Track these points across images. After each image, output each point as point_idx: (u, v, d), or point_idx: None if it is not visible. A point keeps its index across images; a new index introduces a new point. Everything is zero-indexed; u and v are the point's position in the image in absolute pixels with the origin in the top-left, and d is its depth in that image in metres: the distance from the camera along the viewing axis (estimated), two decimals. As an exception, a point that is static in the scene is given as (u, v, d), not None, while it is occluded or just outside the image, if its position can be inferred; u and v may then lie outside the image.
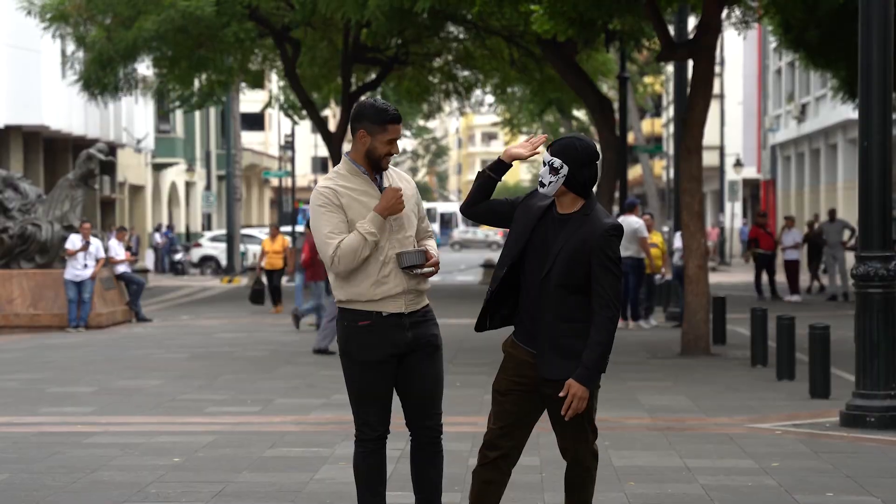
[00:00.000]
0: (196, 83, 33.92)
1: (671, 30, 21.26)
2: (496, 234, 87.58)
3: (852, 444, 10.62)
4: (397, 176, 6.69)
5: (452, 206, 78.52)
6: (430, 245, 6.72)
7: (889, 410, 11.25)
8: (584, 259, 6.09)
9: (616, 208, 31.01)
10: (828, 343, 13.38)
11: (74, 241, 23.35)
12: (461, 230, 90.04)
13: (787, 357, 14.99)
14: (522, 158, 6.32)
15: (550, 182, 6.16)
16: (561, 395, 6.09)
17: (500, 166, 6.32)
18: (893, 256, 11.37)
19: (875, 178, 11.38)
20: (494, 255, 52.35)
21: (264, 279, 28.17)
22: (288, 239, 31.34)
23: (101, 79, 29.81)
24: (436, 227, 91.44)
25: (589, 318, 6.13)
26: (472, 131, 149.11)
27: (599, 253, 6.08)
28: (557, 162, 6.14)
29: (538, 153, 6.38)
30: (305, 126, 73.73)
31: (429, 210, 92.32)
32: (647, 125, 73.43)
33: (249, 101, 65.04)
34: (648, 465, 9.66)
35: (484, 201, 6.37)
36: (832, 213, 31.39)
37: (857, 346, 11.49)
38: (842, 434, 11.10)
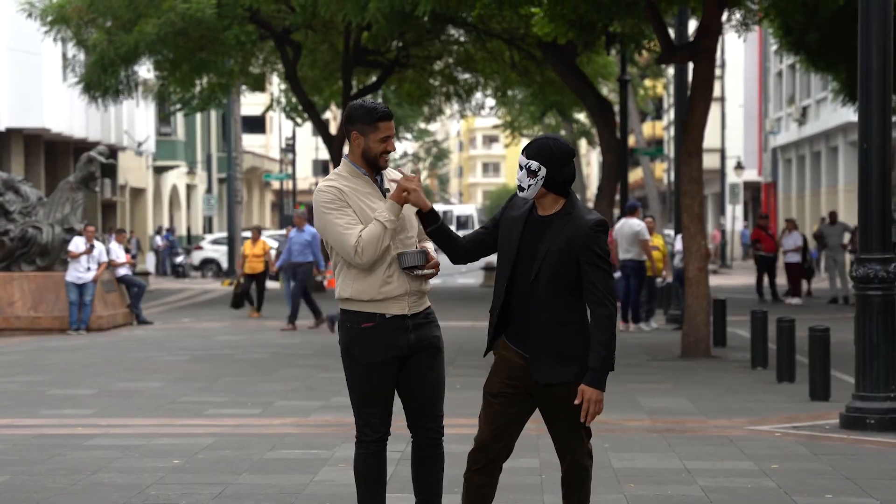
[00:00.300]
0: (197, 86, 33.97)
1: (671, 32, 21.26)
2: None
3: (852, 446, 10.62)
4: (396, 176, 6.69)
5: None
6: (431, 246, 6.72)
7: (889, 412, 11.25)
8: (571, 259, 6.04)
9: (617, 211, 31.02)
10: (828, 345, 13.38)
11: (78, 244, 23.31)
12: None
13: (788, 359, 14.99)
14: (421, 202, 6.36)
15: (530, 185, 6.11)
16: (576, 402, 6.05)
17: (426, 218, 6.41)
18: (893, 258, 11.37)
19: (875, 181, 11.38)
20: (495, 258, 52.28)
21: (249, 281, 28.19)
22: (270, 243, 31.31)
23: (102, 82, 29.86)
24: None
25: (581, 318, 6.10)
26: (473, 134, 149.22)
27: (587, 250, 6.03)
28: (535, 164, 6.09)
29: (416, 187, 6.36)
30: (306, 129, 73.80)
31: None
32: (648, 128, 73.49)
33: (250, 103, 65.10)
34: (648, 466, 9.66)
35: (466, 244, 6.43)
36: (833, 216, 31.39)
37: (856, 349, 11.49)
38: (841, 436, 11.10)
